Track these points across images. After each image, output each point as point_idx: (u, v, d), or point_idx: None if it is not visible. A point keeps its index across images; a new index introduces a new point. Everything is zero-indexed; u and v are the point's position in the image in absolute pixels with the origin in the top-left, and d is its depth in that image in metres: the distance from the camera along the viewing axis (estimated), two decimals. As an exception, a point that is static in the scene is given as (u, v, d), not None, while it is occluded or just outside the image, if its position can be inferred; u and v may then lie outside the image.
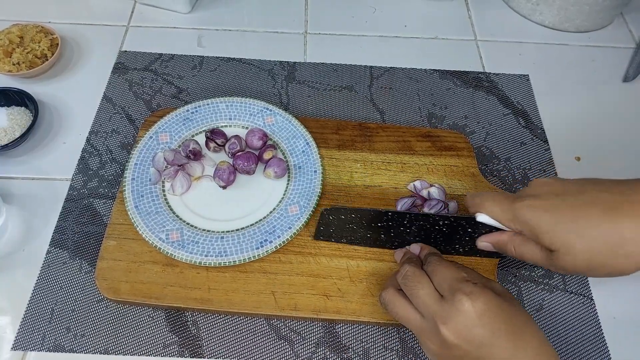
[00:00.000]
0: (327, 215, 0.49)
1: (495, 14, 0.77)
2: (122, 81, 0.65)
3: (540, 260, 0.41)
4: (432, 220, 0.47)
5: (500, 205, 0.43)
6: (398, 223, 0.48)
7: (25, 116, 0.59)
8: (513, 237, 0.43)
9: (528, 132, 0.63)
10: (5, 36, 0.63)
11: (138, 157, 0.55)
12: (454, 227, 0.47)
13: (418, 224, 0.47)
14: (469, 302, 0.38)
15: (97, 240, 0.52)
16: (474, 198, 0.45)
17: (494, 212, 0.43)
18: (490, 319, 0.37)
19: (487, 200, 0.43)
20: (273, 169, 0.54)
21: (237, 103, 0.60)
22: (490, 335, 0.37)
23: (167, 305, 0.48)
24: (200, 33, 0.72)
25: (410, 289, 0.41)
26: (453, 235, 0.47)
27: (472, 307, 0.37)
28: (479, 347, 0.37)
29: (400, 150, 0.58)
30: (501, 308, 0.38)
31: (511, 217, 0.42)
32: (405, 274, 0.42)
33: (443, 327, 0.38)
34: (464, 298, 0.38)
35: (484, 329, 0.37)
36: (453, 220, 0.46)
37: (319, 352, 0.47)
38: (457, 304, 0.38)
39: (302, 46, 0.71)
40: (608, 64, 0.71)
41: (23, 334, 0.47)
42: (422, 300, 0.40)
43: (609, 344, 0.49)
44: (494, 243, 0.45)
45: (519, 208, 0.41)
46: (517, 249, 0.43)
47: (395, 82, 0.67)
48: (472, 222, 0.45)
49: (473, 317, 0.37)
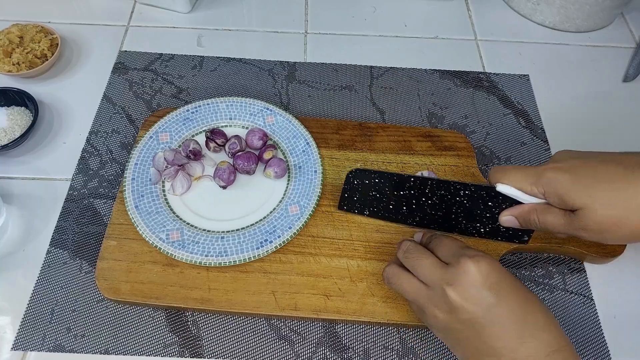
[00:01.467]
0: (352, 179, 0.49)
1: (496, 14, 0.77)
2: (122, 81, 0.65)
3: (563, 225, 0.41)
4: (452, 189, 0.46)
5: (523, 171, 0.43)
6: (420, 192, 0.48)
7: (25, 116, 0.59)
8: (535, 206, 0.43)
9: (528, 132, 0.63)
10: (5, 36, 0.63)
11: (138, 157, 0.55)
12: (475, 200, 0.46)
13: (440, 194, 0.47)
14: (474, 263, 0.38)
15: (97, 240, 0.52)
16: (497, 170, 0.45)
17: (517, 178, 0.43)
18: (497, 280, 0.38)
19: (509, 171, 0.43)
20: (273, 169, 0.54)
21: (237, 103, 0.60)
22: (497, 296, 0.38)
23: (168, 305, 0.48)
24: (200, 33, 0.72)
25: (413, 261, 0.42)
26: (474, 210, 0.47)
27: (477, 268, 0.38)
28: (487, 308, 0.38)
29: (401, 150, 0.58)
30: (505, 273, 0.39)
31: (534, 181, 0.42)
32: (407, 248, 0.43)
33: (450, 288, 0.39)
34: (468, 260, 0.39)
35: (490, 290, 0.38)
36: (474, 189, 0.45)
37: (319, 352, 0.47)
38: (462, 266, 0.39)
39: (302, 46, 0.71)
40: (608, 64, 0.71)
41: (23, 334, 0.47)
42: (426, 269, 0.41)
43: (609, 344, 0.49)
44: (516, 215, 0.44)
45: (541, 171, 0.41)
46: (541, 217, 0.42)
47: (395, 82, 0.67)
48: (492, 192, 0.44)
49: (479, 277, 0.38)
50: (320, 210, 0.53)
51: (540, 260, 0.53)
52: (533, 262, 0.53)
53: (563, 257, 0.54)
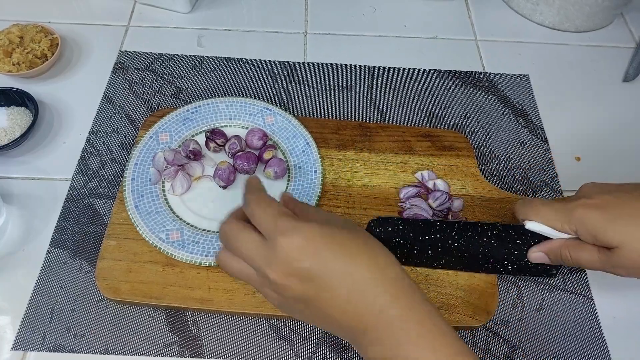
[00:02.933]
0: (374, 227, 0.46)
1: (495, 14, 0.77)
2: (122, 81, 0.65)
3: (598, 262, 0.40)
4: (480, 230, 0.45)
5: (553, 208, 0.41)
6: (446, 235, 0.46)
7: (25, 116, 0.59)
8: (567, 242, 0.42)
9: (528, 132, 0.63)
10: (5, 36, 0.63)
11: (138, 157, 0.55)
12: (502, 238, 0.45)
13: (466, 235, 0.45)
14: (286, 239, 0.35)
15: (97, 240, 0.52)
16: (524, 206, 0.43)
17: (547, 215, 0.42)
18: (314, 250, 0.35)
19: (537, 206, 0.42)
20: (273, 169, 0.54)
21: (237, 103, 0.60)
22: (317, 265, 0.34)
23: (168, 305, 0.48)
24: (200, 33, 0.72)
25: (230, 247, 0.38)
26: (502, 249, 0.45)
27: (291, 243, 0.34)
28: (310, 280, 0.35)
29: (400, 150, 0.58)
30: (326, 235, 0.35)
31: (566, 219, 0.41)
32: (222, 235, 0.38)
33: (268, 270, 0.35)
34: (279, 237, 0.35)
35: (308, 261, 0.34)
36: (502, 229, 0.44)
37: (319, 352, 0.47)
38: (277, 245, 0.35)
39: (302, 46, 0.71)
40: (608, 64, 0.71)
41: (23, 334, 0.47)
42: (245, 254, 0.37)
43: (609, 344, 0.49)
44: (546, 251, 0.43)
45: (573, 208, 0.40)
46: (573, 254, 0.41)
47: (395, 82, 0.67)
48: (520, 231, 0.44)
49: (294, 252, 0.34)
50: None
51: (540, 260, 0.53)
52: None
53: (563, 257, 0.54)
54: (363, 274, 0.35)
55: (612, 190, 0.41)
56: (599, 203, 0.40)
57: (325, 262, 0.34)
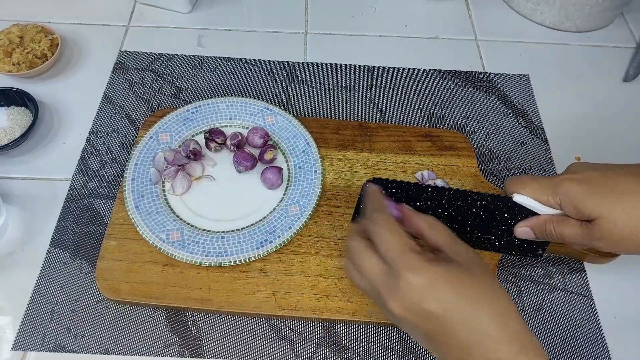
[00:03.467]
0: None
1: (496, 14, 0.77)
2: (122, 81, 0.65)
3: (580, 235, 0.41)
4: (469, 200, 0.46)
5: (539, 181, 0.43)
6: (437, 202, 0.46)
7: (25, 116, 0.59)
8: (552, 217, 0.43)
9: (528, 132, 0.63)
10: (5, 36, 0.63)
11: (138, 157, 0.55)
12: (491, 211, 0.46)
13: (456, 205, 0.46)
14: (412, 276, 0.35)
15: (97, 240, 0.52)
16: (512, 180, 0.45)
17: (533, 188, 0.43)
18: (438, 290, 0.35)
19: (525, 181, 0.43)
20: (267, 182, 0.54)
21: (238, 103, 0.60)
22: (440, 306, 0.35)
23: (168, 305, 0.48)
24: (200, 33, 0.72)
25: (357, 266, 0.39)
26: (490, 222, 0.46)
27: (416, 282, 0.35)
28: (430, 321, 0.35)
29: (401, 150, 0.58)
30: (452, 276, 0.36)
31: (550, 191, 0.42)
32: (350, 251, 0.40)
33: (388, 300, 0.36)
34: (406, 273, 0.35)
35: (431, 302, 0.35)
36: (490, 200, 0.45)
37: (319, 352, 0.47)
38: (400, 278, 0.35)
39: (302, 46, 0.71)
40: (608, 64, 0.71)
41: (23, 334, 0.47)
42: (368, 274, 0.38)
43: (609, 344, 0.49)
44: (532, 226, 0.44)
45: (558, 182, 0.41)
46: (557, 228, 0.42)
47: (395, 82, 0.67)
48: (509, 204, 0.44)
49: (418, 291, 0.35)
50: (320, 210, 0.53)
51: (540, 260, 0.53)
52: (533, 262, 0.53)
53: (563, 257, 0.54)
54: (485, 325, 0.35)
55: (598, 168, 0.42)
56: (584, 178, 0.41)
57: (447, 306, 0.35)
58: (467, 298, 0.35)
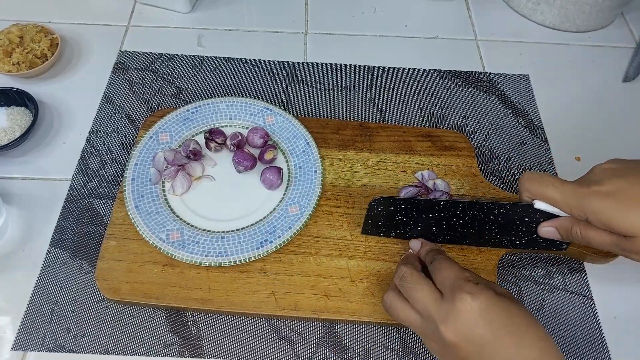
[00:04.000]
0: (375, 206, 0.48)
1: (496, 14, 0.77)
2: (122, 81, 0.65)
3: (610, 244, 0.40)
4: (486, 209, 0.44)
5: (563, 193, 0.41)
6: (451, 213, 0.46)
7: (25, 116, 0.59)
8: (578, 220, 0.41)
9: (528, 132, 0.63)
10: (5, 36, 0.63)
11: (138, 157, 0.55)
12: (510, 217, 0.44)
13: (472, 214, 0.45)
14: (469, 300, 0.37)
15: (97, 241, 0.52)
16: (531, 181, 0.42)
17: (554, 198, 0.41)
18: (491, 317, 0.37)
19: (546, 186, 0.42)
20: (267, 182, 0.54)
21: (238, 103, 0.60)
22: (492, 334, 0.37)
23: (168, 305, 0.48)
24: (200, 33, 0.72)
25: (408, 290, 0.41)
26: (509, 226, 0.45)
27: (472, 306, 0.37)
28: (481, 347, 0.37)
29: (401, 150, 0.58)
30: (502, 307, 0.37)
31: (577, 206, 0.40)
32: (402, 275, 0.42)
33: (442, 326, 0.37)
34: (464, 296, 0.37)
35: (484, 328, 0.37)
36: (509, 208, 0.44)
37: (319, 352, 0.47)
38: (457, 302, 0.37)
39: (302, 46, 0.71)
40: (608, 64, 0.71)
41: (23, 334, 0.47)
42: (420, 301, 0.40)
43: (609, 344, 0.49)
44: (558, 226, 0.43)
45: (584, 196, 0.40)
46: (584, 233, 0.41)
47: (395, 82, 0.67)
48: (529, 209, 0.43)
49: (473, 315, 0.37)
50: (320, 210, 0.53)
51: (540, 260, 0.53)
52: (533, 262, 0.53)
53: (563, 257, 0.54)
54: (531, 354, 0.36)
55: (623, 174, 0.40)
56: (611, 190, 0.39)
57: (497, 333, 0.36)
58: (513, 328, 0.37)
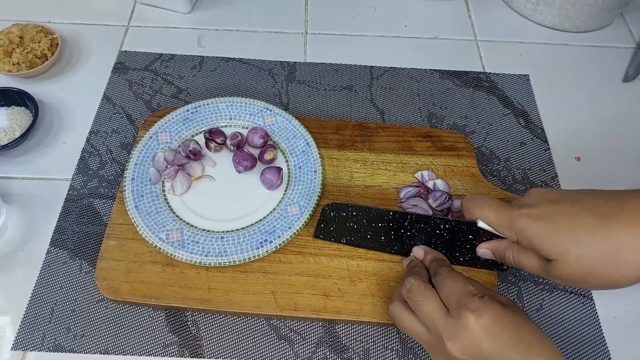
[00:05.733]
0: (328, 211, 0.49)
1: (496, 14, 0.77)
2: (122, 81, 0.65)
3: (537, 269, 0.41)
4: (433, 223, 0.46)
5: (496, 212, 0.42)
6: (399, 225, 0.48)
7: (25, 116, 0.59)
8: (512, 244, 0.43)
9: (528, 132, 0.63)
10: (5, 36, 0.63)
11: (138, 157, 0.55)
12: (455, 233, 0.46)
13: (419, 227, 0.47)
14: (474, 318, 0.37)
15: (97, 240, 0.52)
16: (471, 202, 0.44)
17: (490, 218, 0.43)
18: (497, 333, 0.37)
19: (483, 207, 0.43)
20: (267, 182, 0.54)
21: (237, 103, 0.60)
22: (497, 350, 0.37)
23: (167, 305, 0.48)
24: (200, 33, 0.72)
25: (415, 303, 0.41)
26: (454, 242, 0.47)
27: (478, 324, 0.37)
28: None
29: (400, 150, 0.58)
30: (507, 320, 0.37)
31: (507, 225, 0.42)
32: (410, 288, 0.42)
33: (448, 342, 0.38)
34: (469, 314, 0.37)
35: (490, 344, 0.37)
36: (454, 224, 0.46)
37: (319, 352, 0.47)
38: (462, 320, 0.37)
39: (302, 46, 0.71)
40: (608, 64, 0.71)
41: (23, 334, 0.47)
42: (427, 315, 0.40)
43: (609, 344, 0.49)
44: (492, 249, 0.45)
45: (515, 217, 0.41)
46: (515, 257, 0.42)
47: (395, 82, 0.67)
48: (473, 227, 0.45)
49: (479, 333, 0.37)
50: (320, 210, 0.53)
51: (540, 260, 0.53)
52: (533, 262, 0.53)
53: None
54: None
55: (555, 201, 0.40)
56: (540, 213, 0.40)
57: (503, 347, 0.37)
58: (520, 342, 0.37)
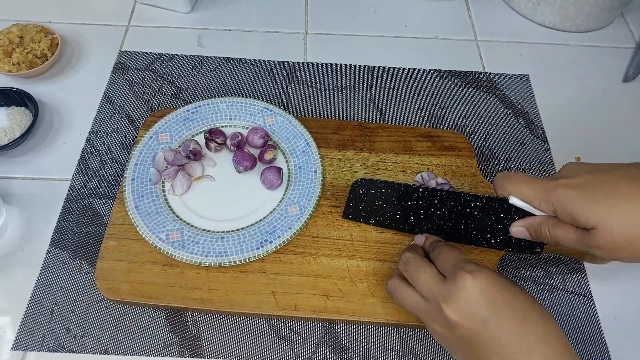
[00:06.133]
0: (357, 188, 0.49)
1: (496, 14, 0.77)
2: (122, 81, 0.65)
3: (576, 241, 0.40)
4: (463, 200, 0.45)
5: (532, 186, 0.41)
6: (429, 202, 0.46)
7: (25, 116, 0.59)
8: (547, 219, 0.41)
9: (528, 132, 0.63)
10: (5, 36, 0.63)
11: (138, 157, 0.55)
12: (486, 211, 0.45)
13: (449, 205, 0.46)
14: (471, 278, 0.38)
15: (97, 241, 0.52)
16: (504, 179, 0.43)
17: (525, 193, 0.42)
18: (493, 295, 0.37)
19: (518, 182, 0.42)
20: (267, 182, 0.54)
21: (238, 103, 0.60)
22: (494, 312, 0.37)
23: (167, 305, 0.48)
24: (200, 33, 0.72)
25: (412, 273, 0.42)
26: (485, 221, 0.46)
27: (474, 284, 0.37)
28: (483, 325, 0.37)
29: (401, 150, 0.58)
30: (504, 286, 0.38)
31: (544, 197, 0.40)
32: (407, 260, 0.43)
33: (445, 305, 0.38)
34: (465, 275, 0.38)
35: (487, 305, 0.37)
36: (485, 201, 0.44)
37: (319, 352, 0.47)
38: (458, 281, 0.38)
39: (302, 46, 0.71)
40: (608, 64, 0.71)
41: (23, 334, 0.47)
42: (423, 282, 0.40)
43: (609, 344, 0.49)
44: (527, 227, 0.43)
45: (551, 188, 0.40)
46: (552, 231, 0.41)
47: (395, 82, 0.67)
48: (504, 205, 0.43)
49: (475, 293, 0.37)
50: (320, 210, 0.53)
51: (540, 260, 0.53)
52: (533, 262, 0.53)
53: (563, 257, 0.54)
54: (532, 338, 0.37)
55: (592, 170, 0.40)
56: (578, 183, 0.39)
57: (500, 312, 0.37)
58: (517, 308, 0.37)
